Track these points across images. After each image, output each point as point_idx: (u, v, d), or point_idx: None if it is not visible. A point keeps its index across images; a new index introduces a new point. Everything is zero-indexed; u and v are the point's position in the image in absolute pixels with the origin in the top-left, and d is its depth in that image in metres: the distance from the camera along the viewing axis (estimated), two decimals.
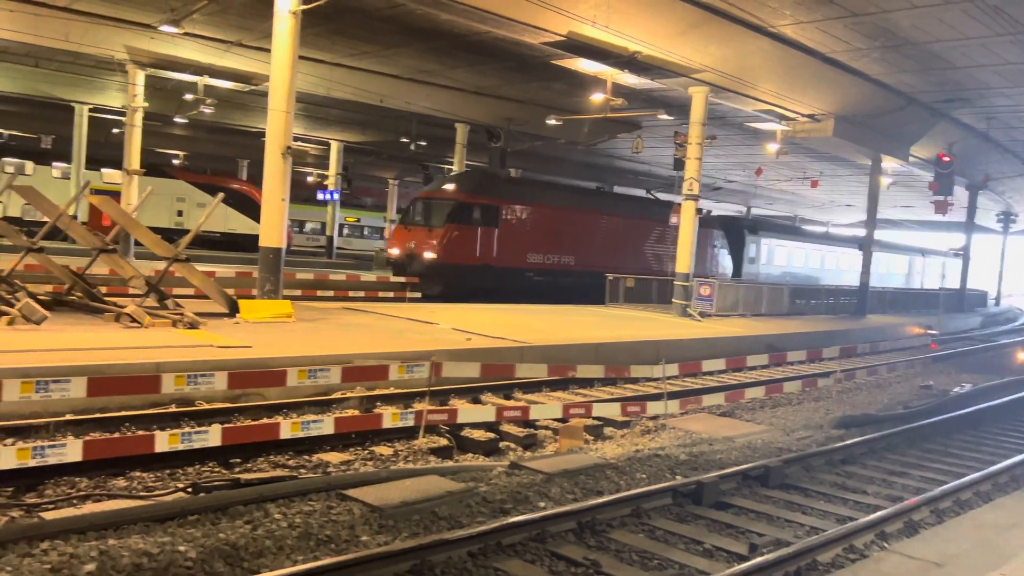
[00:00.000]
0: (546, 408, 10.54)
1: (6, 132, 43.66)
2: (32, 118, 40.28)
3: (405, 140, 37.08)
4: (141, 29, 24.29)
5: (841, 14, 18.56)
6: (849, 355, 20.25)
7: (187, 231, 15.21)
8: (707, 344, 17.83)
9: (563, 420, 10.42)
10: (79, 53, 25.80)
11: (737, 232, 38.82)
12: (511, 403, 11.40)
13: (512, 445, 9.80)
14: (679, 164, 23.92)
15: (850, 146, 29.22)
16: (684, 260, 23.92)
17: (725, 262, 37.76)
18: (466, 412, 9.75)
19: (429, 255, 25.57)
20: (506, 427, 10.09)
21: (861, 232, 39.19)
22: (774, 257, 41.34)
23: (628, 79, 22.39)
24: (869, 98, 25.23)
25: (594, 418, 10.74)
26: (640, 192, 44.34)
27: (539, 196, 30.22)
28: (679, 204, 24.22)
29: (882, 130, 27.82)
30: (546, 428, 10.49)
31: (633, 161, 43.52)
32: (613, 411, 11.04)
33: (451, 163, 36.96)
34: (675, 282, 24.17)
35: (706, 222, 31.39)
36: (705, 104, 23.31)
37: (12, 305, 11.86)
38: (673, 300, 24.08)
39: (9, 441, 7.56)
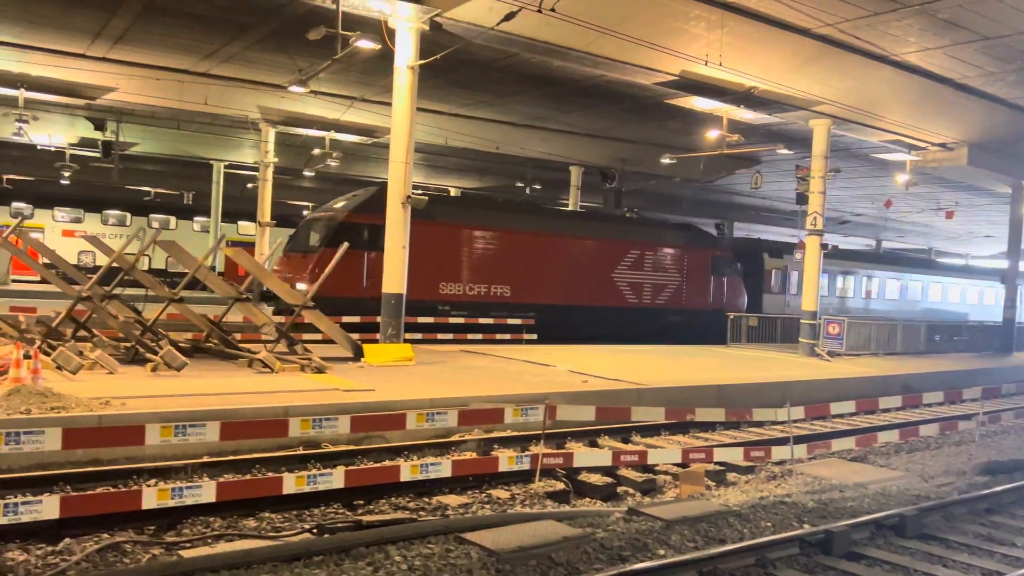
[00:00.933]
0: (665, 452, 10.34)
1: (153, 190, 47.09)
2: (176, 176, 43.34)
3: (520, 184, 37.65)
4: (272, 90, 25.84)
5: (971, 38, 17.74)
6: (993, 396, 18.92)
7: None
8: (836, 385, 17.08)
9: (683, 465, 10.19)
10: (217, 115, 27.66)
11: (753, 256, 33.24)
12: (628, 447, 11.24)
13: (630, 490, 9.64)
14: (801, 199, 23.26)
15: (987, 174, 27.67)
16: (810, 297, 23.12)
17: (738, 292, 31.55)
18: (582, 456, 9.68)
19: (300, 285, 19.33)
20: (624, 471, 9.94)
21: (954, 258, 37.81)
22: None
23: (745, 115, 22.07)
24: (1006, 123, 23.87)
25: (716, 463, 10.44)
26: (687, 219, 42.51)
27: (458, 214, 24.57)
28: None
29: (1023, 156, 26.23)
30: (665, 473, 10.27)
31: (753, 197, 42.63)
32: (736, 456, 10.71)
33: (566, 205, 37.22)
34: (801, 320, 23.36)
35: (696, 241, 29.12)
36: (827, 137, 22.65)
37: (155, 353, 12.67)
38: (800, 339, 23.25)
39: (152, 482, 8.03)
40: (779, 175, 33.31)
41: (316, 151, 31.17)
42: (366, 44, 16.12)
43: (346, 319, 20.03)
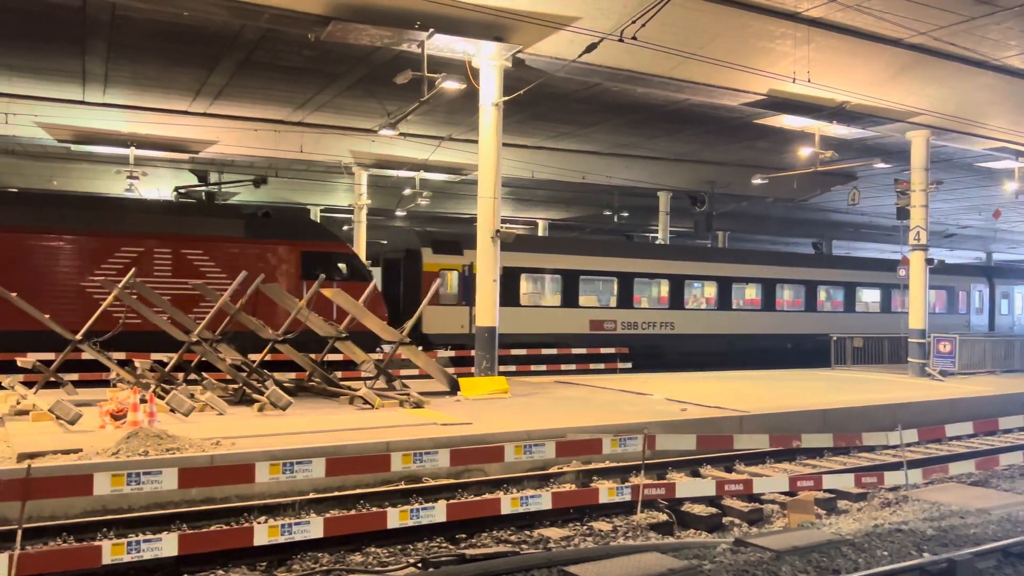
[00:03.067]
0: (771, 481, 10.03)
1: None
2: None
3: (608, 213, 37.57)
4: (363, 134, 26.70)
5: None
6: None
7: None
8: (950, 406, 16.27)
9: (790, 493, 9.86)
10: (311, 161, 28.70)
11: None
12: (732, 476, 10.95)
13: (736, 520, 9.38)
14: (903, 213, 22.45)
15: None
16: (917, 315, 22.19)
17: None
18: (684, 486, 9.48)
19: None
20: (728, 501, 9.69)
21: None
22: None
23: (837, 130, 21.53)
24: None
25: (825, 490, 10.07)
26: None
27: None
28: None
29: None
30: (772, 502, 9.95)
31: (851, 213, 41.28)
32: (846, 482, 10.29)
33: (655, 231, 36.91)
34: (909, 339, 22.41)
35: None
36: (926, 148, 21.85)
37: (262, 393, 13.11)
38: (908, 359, 22.29)
39: (262, 519, 8.28)
40: (878, 190, 32.26)
41: (407, 191, 31.93)
42: (451, 84, 16.49)
43: (441, 354, 20.36)
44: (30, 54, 20.22)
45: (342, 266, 21.22)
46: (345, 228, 38.09)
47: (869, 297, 33.21)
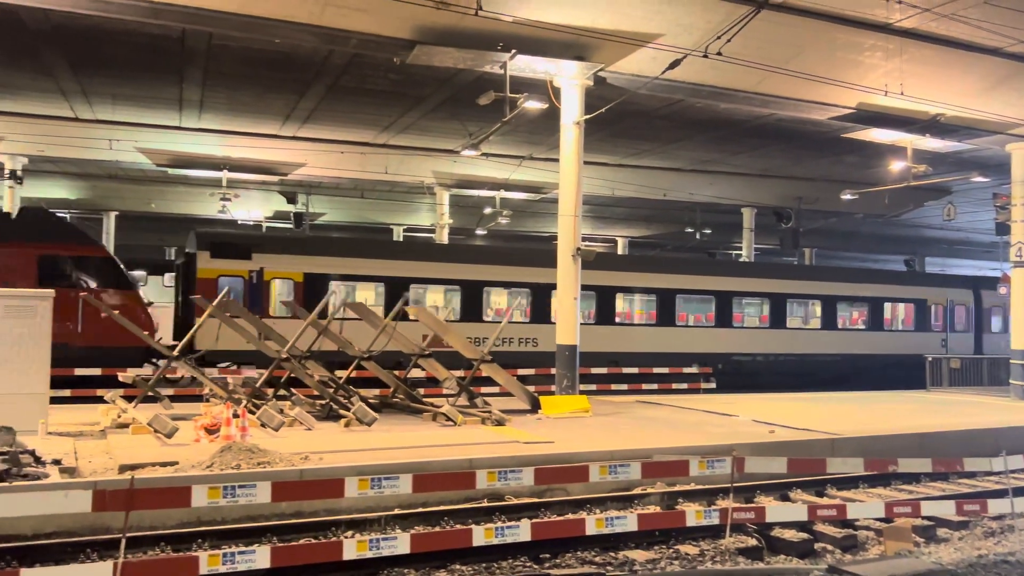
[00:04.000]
0: (866, 506, 9.66)
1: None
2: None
3: (690, 230, 37.12)
4: (445, 155, 27.12)
5: None
6: None
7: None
8: None
9: (886, 520, 9.47)
10: (395, 182, 29.29)
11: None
12: (824, 501, 10.60)
13: (828, 547, 9.05)
14: (1002, 229, 21.49)
15: None
16: (1020, 334, 21.15)
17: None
18: (774, 510, 9.21)
19: None
20: (820, 527, 9.37)
21: None
22: None
23: (931, 143, 20.82)
24: None
25: (923, 517, 9.63)
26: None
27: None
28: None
29: None
30: (867, 528, 9.58)
31: (946, 229, 39.73)
32: (946, 510, 9.82)
33: (739, 248, 36.27)
34: (1011, 360, 21.37)
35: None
36: None
37: (348, 409, 13.36)
38: (1011, 381, 21.25)
39: (349, 533, 8.41)
40: (974, 205, 31.02)
41: (487, 210, 32.24)
42: (533, 104, 16.62)
43: (521, 372, 20.37)
44: (133, 83, 21.28)
45: (93, 271, 18.77)
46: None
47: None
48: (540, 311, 24.01)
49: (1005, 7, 14.76)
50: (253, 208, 35.67)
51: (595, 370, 22.05)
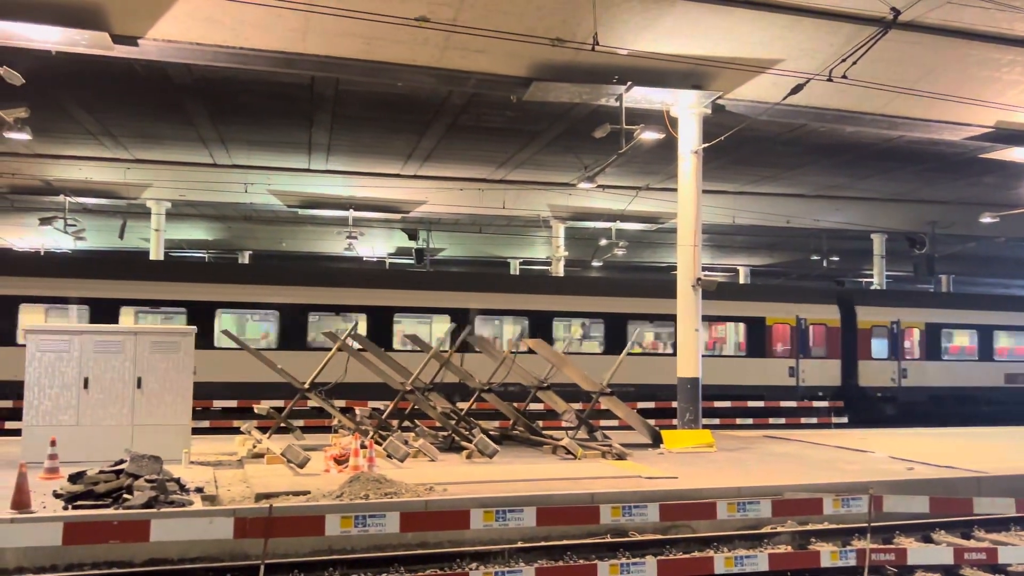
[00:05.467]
0: (1020, 550, 8.99)
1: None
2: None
3: (816, 257, 35.89)
4: (561, 188, 27.32)
5: None
6: None
7: None
8: None
9: None
10: (512, 216, 29.68)
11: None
12: (972, 543, 9.92)
13: None
14: None
15: None
16: None
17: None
18: (917, 552, 8.70)
19: None
20: (967, 571, 8.78)
21: None
22: None
23: None
24: None
25: None
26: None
27: None
28: None
29: None
30: (1021, 574, 8.90)
31: None
32: None
33: (870, 275, 34.77)
34: None
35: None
36: None
37: (470, 440, 13.51)
38: None
39: (473, 565, 8.46)
40: None
41: (603, 242, 32.17)
42: (650, 135, 16.53)
43: (641, 405, 20.11)
44: (266, 129, 22.53)
45: None
46: None
47: None
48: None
49: None
50: (377, 245, 36.88)
51: (718, 404, 21.53)
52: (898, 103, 16.46)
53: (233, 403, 19.07)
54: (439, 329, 22.18)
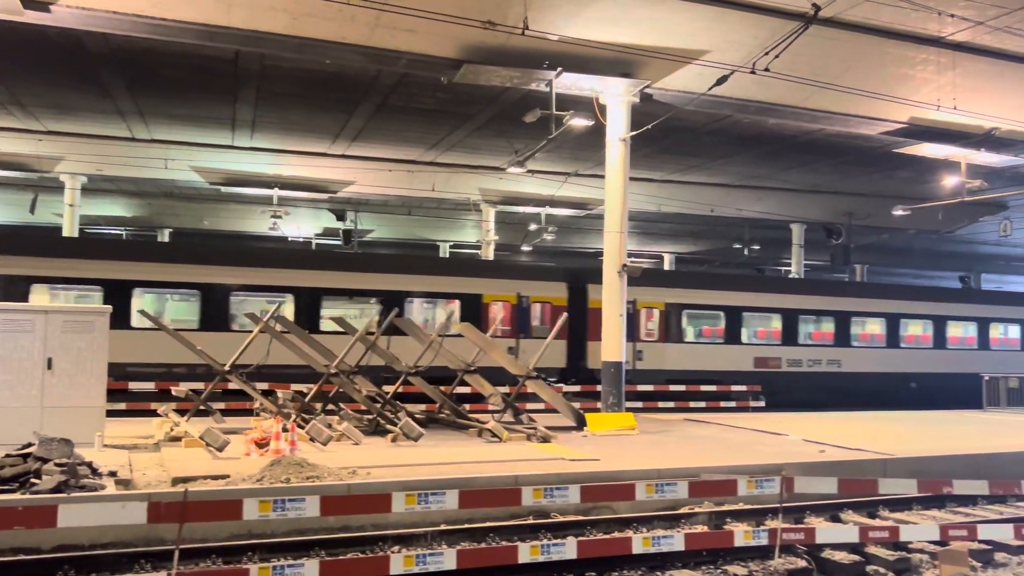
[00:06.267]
0: (920, 528, 9.43)
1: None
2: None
3: (738, 246, 36.76)
4: (492, 172, 27.33)
5: None
6: None
7: None
8: None
9: (941, 543, 9.24)
10: (442, 199, 29.55)
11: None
12: (877, 522, 10.38)
13: (881, 569, 8.86)
14: None
15: None
16: None
17: None
18: (825, 532, 9.05)
19: None
20: (872, 549, 9.17)
21: None
22: None
23: (986, 158, 20.37)
24: None
25: (980, 541, 9.38)
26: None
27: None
28: None
29: None
30: (921, 552, 9.36)
31: (1003, 245, 38.77)
32: (1005, 534, 9.54)
33: (788, 264, 35.80)
34: None
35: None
36: None
37: (395, 424, 13.47)
38: None
39: (395, 548, 8.47)
40: None
41: (533, 227, 32.31)
42: (579, 121, 16.66)
43: (566, 389, 20.35)
44: (188, 104, 21.86)
45: None
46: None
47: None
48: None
49: None
50: (303, 225, 36.26)
51: (641, 387, 21.91)
52: (818, 97, 16.94)
53: (151, 385, 18.59)
54: (370, 311, 21.98)
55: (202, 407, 13.82)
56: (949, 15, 14.24)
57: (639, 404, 21.20)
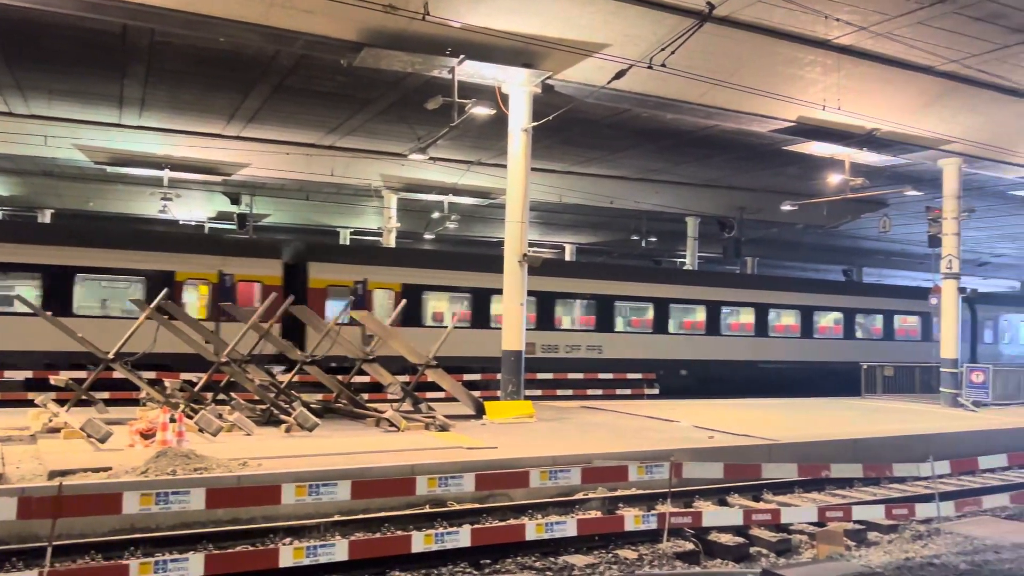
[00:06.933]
0: (799, 511, 9.88)
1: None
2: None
3: (635, 238, 37.56)
4: (393, 158, 26.98)
5: None
6: None
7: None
8: (983, 437, 15.97)
9: (819, 524, 9.71)
10: (342, 184, 29.03)
11: None
12: (760, 505, 10.81)
13: (763, 550, 9.25)
14: (934, 241, 22.22)
15: None
16: (949, 344, 21.87)
17: None
18: (711, 515, 9.39)
19: None
20: (756, 531, 9.57)
21: None
22: None
23: (868, 157, 21.41)
24: None
25: (855, 521, 9.90)
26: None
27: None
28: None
29: None
30: (800, 532, 9.81)
31: (882, 241, 40.94)
32: (876, 514, 10.12)
33: (683, 256, 36.81)
34: (942, 369, 22.09)
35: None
36: (958, 176, 21.68)
37: (289, 414, 13.19)
38: (940, 389, 21.97)
39: (287, 540, 8.31)
40: (909, 217, 31.95)
41: (435, 215, 32.15)
42: (481, 110, 16.64)
43: (467, 377, 20.35)
44: (71, 79, 20.72)
45: None
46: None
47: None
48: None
49: (937, 27, 15.28)
50: (195, 208, 35.00)
51: (541, 375, 22.16)
52: (713, 94, 17.43)
53: (28, 374, 17.66)
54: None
55: (84, 397, 13.19)
56: (835, 19, 14.86)
57: (539, 392, 21.46)
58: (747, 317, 28.67)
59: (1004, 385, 22.23)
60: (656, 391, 24.18)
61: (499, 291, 17.46)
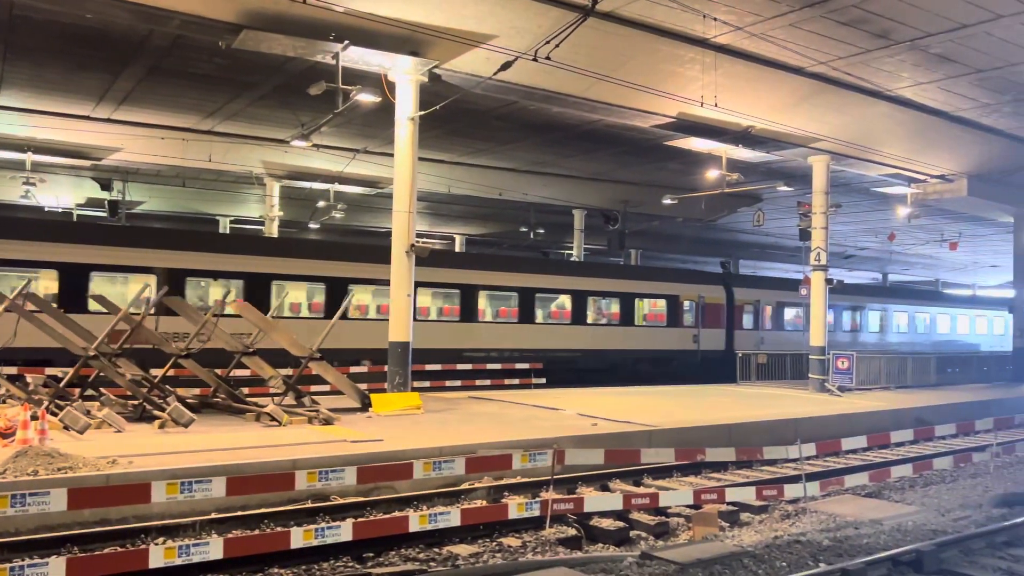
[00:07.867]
0: (677, 494, 10.22)
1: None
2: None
3: (524, 229, 37.89)
4: (276, 145, 26.19)
5: (963, 71, 17.95)
6: (1006, 427, 18.68)
7: None
8: (847, 420, 16.94)
9: (696, 506, 10.07)
10: (221, 171, 28.00)
11: None
12: (640, 490, 11.12)
13: (643, 534, 9.52)
14: (804, 235, 23.36)
15: (988, 204, 27.79)
16: (818, 333, 23.06)
17: None
18: (593, 500, 9.58)
19: None
20: (636, 515, 9.83)
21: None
22: None
23: (743, 153, 22.26)
24: (1004, 154, 24.03)
25: (728, 503, 10.32)
26: None
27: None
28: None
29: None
30: (678, 515, 10.15)
31: (757, 234, 42.79)
32: (748, 495, 10.58)
33: (571, 248, 37.39)
34: (810, 356, 23.27)
35: None
36: (826, 172, 22.83)
37: (163, 409, 12.65)
38: (809, 375, 23.15)
39: (159, 540, 7.98)
40: (782, 212, 33.47)
41: (321, 203, 31.45)
42: (367, 97, 16.37)
43: (354, 369, 20.07)
44: None
45: None
46: None
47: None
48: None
49: (808, 30, 16.03)
50: (62, 194, 33.03)
51: (429, 367, 22.05)
52: (598, 89, 17.73)
53: None
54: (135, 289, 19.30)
55: None
56: (713, 18, 15.37)
57: (427, 383, 21.37)
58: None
59: (867, 371, 23.64)
60: (543, 380, 24.46)
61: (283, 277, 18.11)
